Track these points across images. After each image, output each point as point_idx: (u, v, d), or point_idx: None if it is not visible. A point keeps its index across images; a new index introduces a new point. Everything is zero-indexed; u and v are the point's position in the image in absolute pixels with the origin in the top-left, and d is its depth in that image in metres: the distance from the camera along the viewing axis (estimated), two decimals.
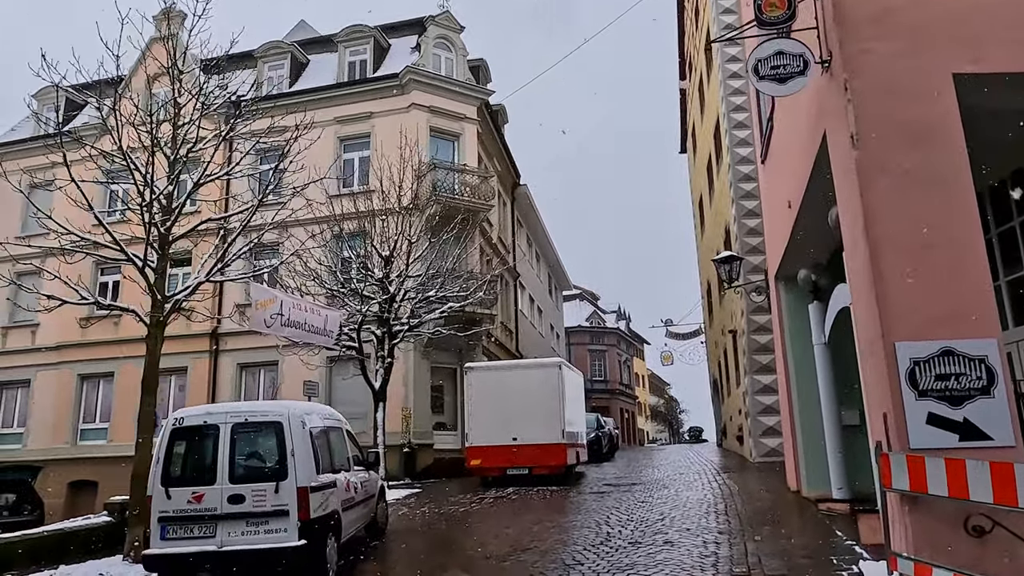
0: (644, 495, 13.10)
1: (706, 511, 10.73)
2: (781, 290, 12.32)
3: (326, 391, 21.31)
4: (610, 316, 62.73)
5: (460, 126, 23.38)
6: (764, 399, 18.87)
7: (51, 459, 21.74)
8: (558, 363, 16.51)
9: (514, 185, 30.76)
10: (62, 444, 23.37)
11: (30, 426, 23.94)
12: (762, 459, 18.26)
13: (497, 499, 13.77)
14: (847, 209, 6.62)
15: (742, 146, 20.65)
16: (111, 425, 23.15)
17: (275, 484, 6.81)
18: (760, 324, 19.31)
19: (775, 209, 11.64)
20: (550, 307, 40.28)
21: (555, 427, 15.74)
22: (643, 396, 73.47)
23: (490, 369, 16.93)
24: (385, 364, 16.66)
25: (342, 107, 23.39)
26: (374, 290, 16.60)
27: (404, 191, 17.18)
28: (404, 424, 20.26)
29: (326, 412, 8.39)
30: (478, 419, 16.18)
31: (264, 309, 11.29)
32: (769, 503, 11.15)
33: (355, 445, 9.38)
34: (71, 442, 23.47)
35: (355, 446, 9.36)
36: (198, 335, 22.67)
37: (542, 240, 36.92)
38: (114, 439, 22.60)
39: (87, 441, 23.64)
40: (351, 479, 8.35)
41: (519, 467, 15.69)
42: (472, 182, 21.86)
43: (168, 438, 7.11)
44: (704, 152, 27.11)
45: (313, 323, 12.73)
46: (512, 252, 29.64)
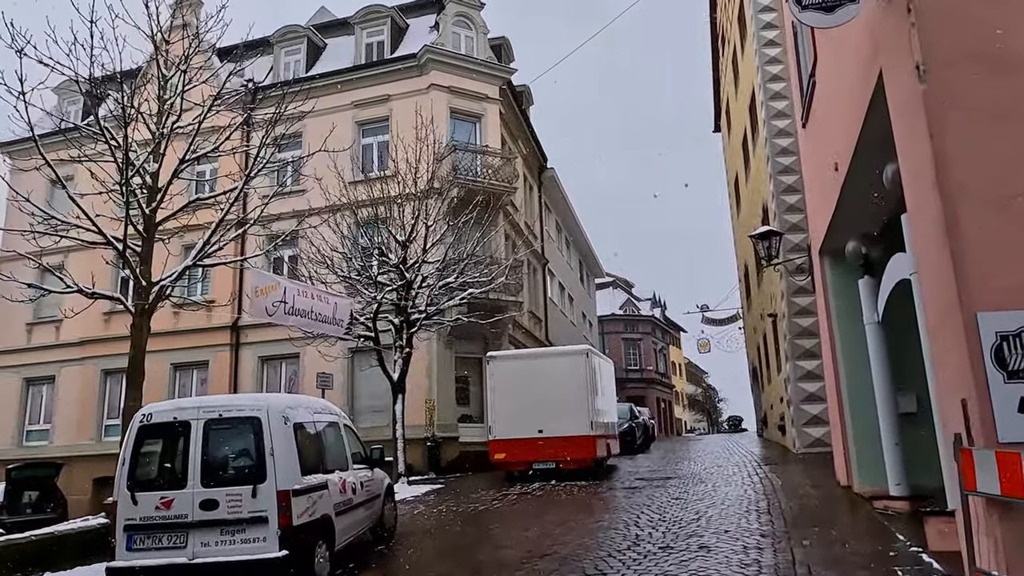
0: (679, 491, 12.13)
1: (746, 509, 9.74)
2: (826, 266, 11.22)
3: (347, 384, 20.70)
4: (644, 304, 61.42)
5: (481, 107, 22.48)
6: (807, 386, 17.72)
7: (76, 455, 21.49)
8: (585, 350, 15.57)
9: (541, 169, 29.78)
10: (87, 440, 23.13)
11: (56, 422, 23.76)
12: (806, 450, 17.13)
13: (521, 496, 12.92)
14: (911, 158, 5.58)
15: (780, 118, 19.42)
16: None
17: (252, 487, 6.03)
18: (802, 307, 18.15)
19: (819, 176, 10.54)
20: (582, 295, 39.25)
21: (583, 418, 14.83)
22: (680, 385, 72.03)
23: (514, 358, 16.05)
24: (403, 354, 15.88)
25: (359, 90, 22.66)
26: (391, 277, 15.81)
27: (421, 173, 16.33)
28: (428, 417, 19.53)
29: (317, 405, 7.59)
30: (502, 411, 15.34)
31: (265, 296, 10.57)
32: (816, 500, 10.11)
33: (357, 441, 8.59)
34: (96, 438, 23.22)
35: (357, 442, 8.57)
36: (219, 328, 22.25)
37: (572, 226, 35.88)
38: None
39: (112, 437, 23.25)
40: (349, 479, 7.56)
41: (545, 461, 14.81)
42: (494, 164, 20.96)
43: (135, 436, 6.38)
44: (739, 128, 25.83)
45: (321, 311, 11.99)
46: (540, 238, 28.70)
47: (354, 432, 8.60)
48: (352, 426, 8.62)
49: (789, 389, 18.35)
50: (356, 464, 8.23)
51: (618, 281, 59.63)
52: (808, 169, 12.05)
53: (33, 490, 17.62)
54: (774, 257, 13.54)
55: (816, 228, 11.58)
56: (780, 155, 19.20)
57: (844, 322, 10.66)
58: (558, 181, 30.62)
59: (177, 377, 22.83)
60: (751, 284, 27.25)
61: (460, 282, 16.27)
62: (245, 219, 14.57)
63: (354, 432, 8.60)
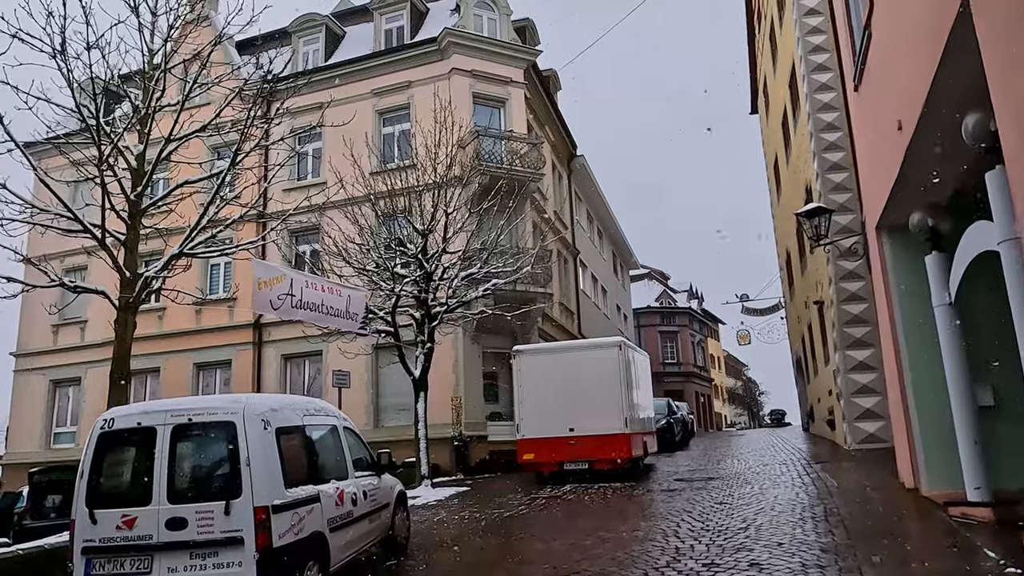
0: (722, 494, 11.08)
1: (800, 516, 8.68)
2: (885, 244, 10.06)
3: (371, 381, 19.98)
4: (681, 296, 59.92)
5: (506, 91, 21.54)
6: (859, 377, 16.48)
7: None
8: (619, 342, 14.55)
9: (570, 156, 28.75)
10: None
11: (82, 425, 23.43)
12: (859, 447, 15.90)
13: (550, 500, 11.99)
14: (1012, 98, 4.52)
15: (823, 91, 18.15)
16: None
17: (225, 503, 5.20)
18: (851, 292, 16.90)
19: (876, 142, 9.41)
20: (616, 287, 38.13)
21: (617, 415, 13.84)
22: (719, 378, 70.34)
23: (542, 352, 15.08)
24: (425, 350, 15.03)
25: (379, 78, 21.90)
26: (410, 268, 14.98)
27: (440, 158, 15.44)
28: (455, 415, 18.70)
29: (310, 407, 6.72)
30: (530, 408, 14.42)
31: (269, 288, 9.79)
32: (880, 505, 8.99)
33: (361, 445, 7.73)
34: None
35: (361, 446, 7.71)
36: (241, 326, 21.72)
37: (604, 216, 34.78)
38: None
39: None
40: (349, 489, 6.70)
41: (577, 461, 13.87)
42: (519, 149, 20.00)
43: (95, 445, 5.58)
44: (778, 107, 24.49)
45: (332, 305, 11.20)
46: (571, 228, 27.68)
47: (357, 435, 7.73)
48: (354, 429, 7.75)
49: (839, 381, 17.11)
50: (360, 471, 7.38)
51: (653, 273, 58.28)
52: (862, 136, 10.89)
53: (57, 494, 17.18)
54: (823, 236, 12.36)
55: (872, 202, 10.43)
56: (824, 131, 17.95)
57: (908, 305, 9.53)
58: (588, 169, 29.55)
59: (200, 377, 22.35)
60: (794, 271, 25.91)
61: (484, 273, 15.36)
62: (261, 212, 14.01)
63: (357, 435, 7.73)
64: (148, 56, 9.89)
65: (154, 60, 9.80)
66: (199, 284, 21.23)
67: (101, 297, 23.46)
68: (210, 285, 22.51)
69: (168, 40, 9.74)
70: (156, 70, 9.62)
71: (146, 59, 9.78)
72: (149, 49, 9.98)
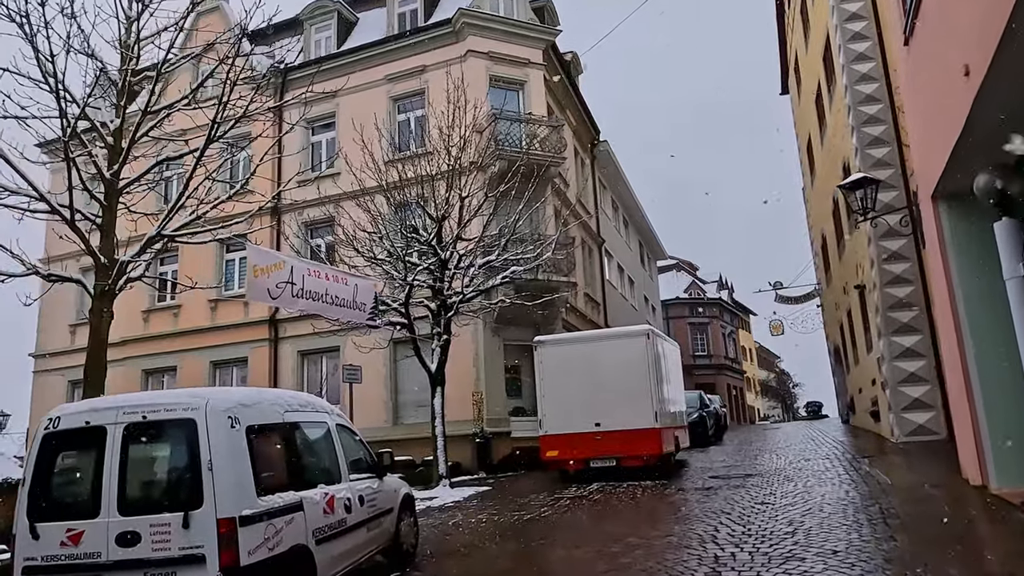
0: (763, 492, 10.15)
1: (854, 519, 7.74)
2: (943, 213, 9.03)
3: (389, 377, 19.29)
4: (710, 286, 58.54)
5: (524, 73, 20.68)
6: (906, 365, 15.39)
7: None
8: (647, 330, 13.64)
9: (593, 142, 27.78)
10: None
11: None
12: (907, 439, 14.83)
13: (575, 500, 11.14)
14: None
15: (861, 61, 17.03)
16: None
17: (183, 515, 4.45)
18: (896, 274, 15.81)
19: (934, 97, 8.39)
20: (643, 278, 37.08)
21: (646, 409, 12.95)
22: (751, 370, 68.79)
23: (565, 342, 14.21)
24: (441, 342, 14.25)
25: (392, 63, 21.16)
26: (425, 257, 14.19)
27: (455, 140, 14.62)
28: (476, 411, 17.91)
29: (293, 401, 5.88)
30: (553, 403, 13.59)
31: (267, 276, 9.06)
32: (944, 505, 8.00)
33: (358, 444, 6.94)
34: None
35: (358, 446, 6.93)
36: (257, 322, 21.14)
37: (630, 204, 33.75)
38: None
39: None
40: (341, 494, 5.92)
41: (604, 458, 13.00)
42: (539, 132, 19.12)
43: (39, 448, 4.85)
44: (811, 83, 23.31)
45: (338, 294, 10.45)
46: (595, 216, 26.74)
47: (354, 434, 6.94)
48: (350, 426, 6.95)
49: (884, 370, 16.02)
50: (357, 474, 6.59)
51: (681, 263, 57.02)
52: (914, 96, 9.85)
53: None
54: (869, 210, 11.30)
55: (928, 168, 9.39)
56: (863, 103, 16.84)
57: (970, 280, 8.51)
58: (612, 155, 28.56)
59: (217, 375, 21.83)
60: (830, 256, 24.71)
61: (502, 260, 14.53)
62: (275, 205, 13.23)
63: (354, 434, 6.94)
64: (125, 23, 9.16)
65: (132, 28, 9.06)
66: (213, 279, 20.69)
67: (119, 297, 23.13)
68: (225, 280, 21.95)
69: (143, 4, 8.98)
70: (133, 38, 8.86)
71: (122, 25, 9.06)
72: (126, 15, 9.26)
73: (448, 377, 18.49)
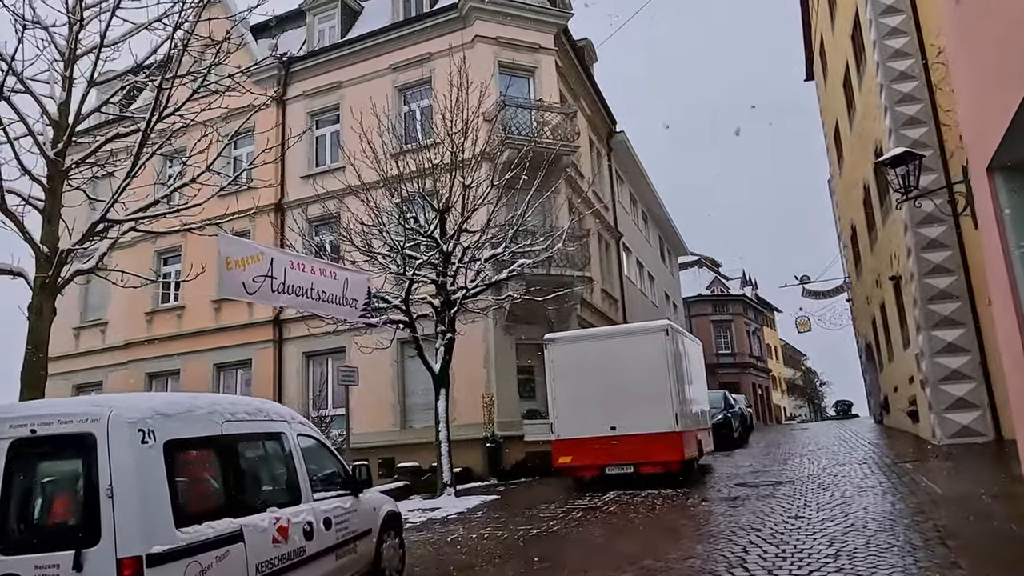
0: (796, 504, 9.13)
1: (905, 538, 6.71)
2: (1000, 187, 7.91)
3: (397, 378, 18.44)
4: (734, 283, 57.10)
5: (535, 59, 19.74)
6: (948, 361, 14.25)
7: None
8: (665, 326, 12.63)
9: (609, 133, 26.76)
10: None
11: None
12: (952, 441, 13.69)
13: (588, 511, 10.17)
14: None
15: (894, 36, 15.90)
16: None
17: (74, 553, 3.58)
18: (936, 263, 14.67)
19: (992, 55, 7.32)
20: (664, 274, 35.95)
21: (666, 411, 11.96)
22: (777, 369, 67.18)
23: (577, 340, 13.23)
24: (445, 341, 13.35)
25: (397, 52, 20.32)
26: (426, 250, 13.30)
27: (456, 125, 13.72)
28: (486, 414, 16.99)
29: (237, 408, 4.89)
30: (565, 405, 12.63)
31: (241, 269, 8.22)
32: (1009, 520, 6.94)
33: (329, 456, 6.04)
34: None
35: (329, 458, 6.03)
36: (261, 323, 20.40)
37: (649, 198, 32.65)
38: None
39: None
40: (300, 518, 5.02)
41: (621, 465, 12.03)
42: (551, 120, 18.15)
43: None
44: (839, 65, 22.12)
45: (326, 289, 9.59)
46: (612, 209, 25.72)
47: (324, 445, 6.03)
48: (318, 436, 6.02)
49: (923, 366, 14.87)
50: (326, 491, 5.69)
51: (704, 260, 55.68)
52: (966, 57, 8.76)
53: None
54: (912, 188, 10.20)
55: (982, 137, 8.29)
56: (897, 81, 15.71)
57: None
58: (630, 146, 27.50)
59: (221, 379, 21.13)
60: (860, 247, 23.49)
61: (510, 252, 13.61)
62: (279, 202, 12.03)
63: (324, 445, 6.03)
64: None
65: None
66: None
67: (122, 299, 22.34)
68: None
69: None
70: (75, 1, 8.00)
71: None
72: None
73: (457, 378, 17.65)
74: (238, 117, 22.38)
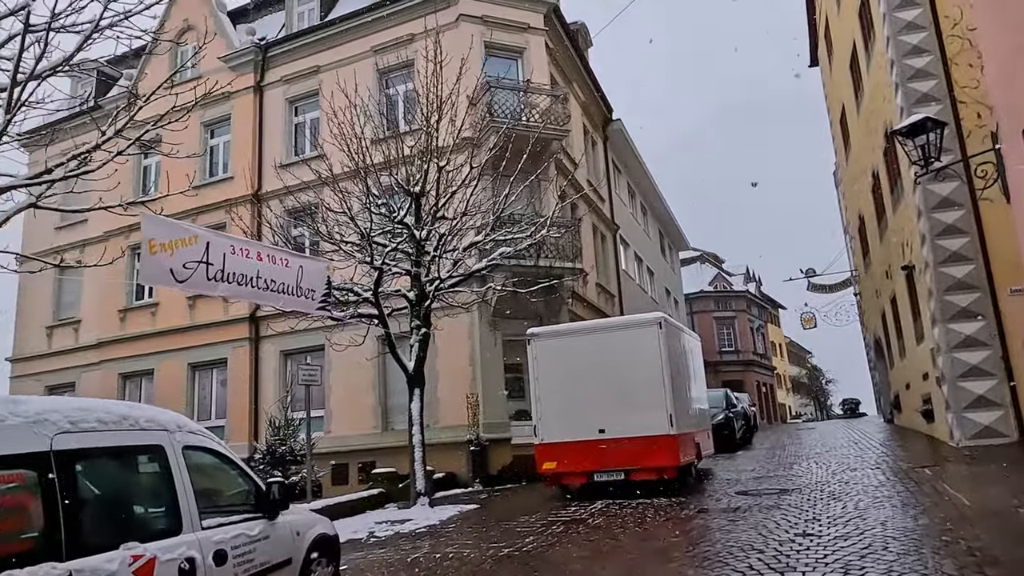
0: (804, 517, 8.04)
1: (935, 564, 5.64)
2: None
3: (378, 378, 17.37)
4: (737, 279, 55.93)
5: (523, 39, 18.67)
6: (967, 356, 13.17)
7: None
8: (659, 318, 11.54)
9: (606, 122, 25.66)
10: None
11: None
12: (972, 443, 12.61)
13: (570, 525, 9.10)
14: None
15: (905, 7, 14.80)
16: None
17: None
18: (952, 251, 13.60)
19: None
20: (664, 269, 34.83)
21: (660, 412, 10.89)
22: (781, 366, 65.98)
23: (562, 334, 12.13)
24: (420, 336, 12.29)
25: (379, 33, 19.30)
26: (395, 237, 12.23)
27: (429, 101, 12.66)
28: (471, 415, 15.92)
29: (79, 417, 3.71)
30: (550, 406, 11.57)
31: (168, 253, 7.17)
32: None
33: (233, 471, 4.96)
34: None
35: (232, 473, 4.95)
36: (236, 320, 19.35)
37: (648, 190, 31.56)
38: None
39: None
40: (176, 552, 3.89)
41: (610, 471, 10.97)
42: (539, 103, 17.08)
43: None
44: (845, 45, 21.01)
45: (275, 277, 8.54)
46: (609, 201, 24.64)
47: (222, 456, 4.91)
48: (215, 446, 4.86)
49: (940, 362, 13.78)
50: (224, 515, 4.63)
51: (706, 255, 54.53)
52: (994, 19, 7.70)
53: None
54: (933, 160, 9.09)
55: (1013, 103, 7.25)
56: (910, 56, 14.62)
57: None
58: (627, 135, 26.40)
59: (196, 379, 20.10)
60: (868, 238, 22.37)
61: (490, 240, 12.54)
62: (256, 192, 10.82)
63: (222, 456, 4.91)
64: None
65: None
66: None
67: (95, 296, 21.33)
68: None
69: None
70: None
71: None
72: None
73: (441, 377, 16.63)
74: (213, 105, 21.45)
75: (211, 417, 19.62)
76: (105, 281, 20.27)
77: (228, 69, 21.34)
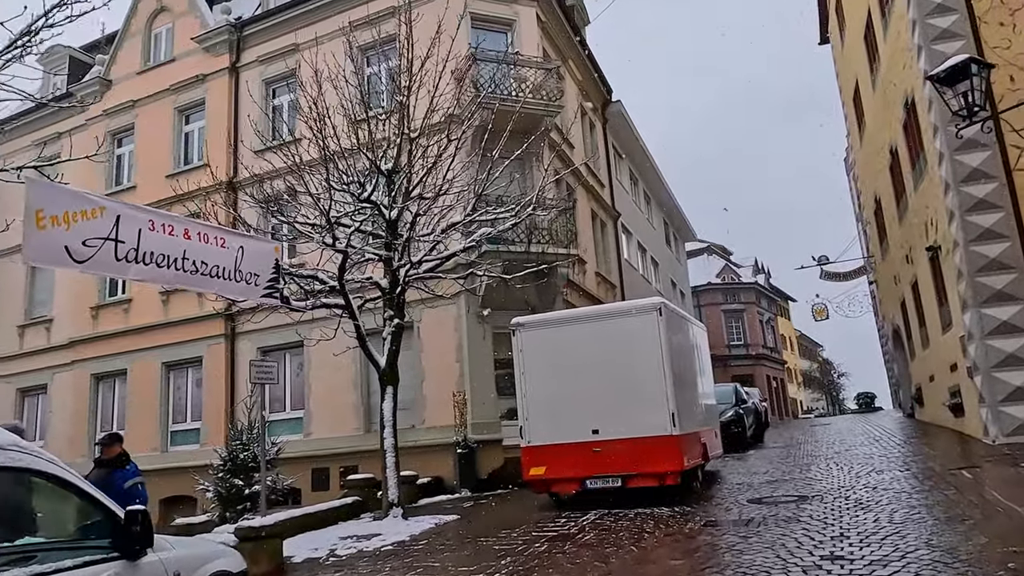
0: (829, 533, 6.77)
1: None
2: None
3: (359, 376, 16.14)
4: (745, 271, 54.46)
5: (513, 11, 17.42)
6: (1003, 344, 11.91)
7: None
8: (658, 304, 10.26)
9: (604, 103, 24.36)
10: (79, 459, 19.50)
11: (48, 440, 20.21)
12: (1010, 439, 11.35)
13: (557, 542, 7.84)
14: None
15: None
16: (125, 434, 19.03)
17: None
18: (985, 228, 12.37)
19: None
20: (669, 260, 33.50)
21: (661, 410, 9.63)
22: (792, 360, 64.46)
23: (551, 324, 10.84)
24: (392, 327, 11.05)
25: (357, 8, 17.99)
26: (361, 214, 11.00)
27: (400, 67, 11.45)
28: (458, 414, 14.70)
29: None
30: (538, 404, 10.33)
31: (63, 227, 5.95)
32: None
33: (80, 498, 3.72)
34: (87, 455, 19.59)
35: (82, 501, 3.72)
36: (210, 316, 18.15)
37: (651, 178, 30.24)
38: (131, 450, 18.47)
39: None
40: None
41: (605, 477, 9.72)
42: (529, 77, 15.82)
43: None
44: (858, 15, 19.67)
45: (207, 260, 7.31)
46: (609, 186, 23.35)
47: (61, 481, 3.63)
48: (53, 470, 3.53)
49: (971, 351, 12.49)
50: (69, 558, 3.41)
51: (713, 247, 53.10)
52: None
53: None
54: (978, 108, 7.76)
55: None
56: (933, 15, 13.34)
57: None
58: (627, 118, 25.08)
59: (171, 379, 18.93)
60: (886, 221, 21.02)
61: (469, 219, 11.30)
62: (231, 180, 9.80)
63: (61, 481, 3.63)
64: None
65: None
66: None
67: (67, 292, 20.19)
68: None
69: None
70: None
71: None
72: None
73: (426, 374, 15.47)
74: (187, 89, 20.24)
75: (187, 420, 18.51)
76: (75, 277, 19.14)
77: (202, 51, 20.20)
